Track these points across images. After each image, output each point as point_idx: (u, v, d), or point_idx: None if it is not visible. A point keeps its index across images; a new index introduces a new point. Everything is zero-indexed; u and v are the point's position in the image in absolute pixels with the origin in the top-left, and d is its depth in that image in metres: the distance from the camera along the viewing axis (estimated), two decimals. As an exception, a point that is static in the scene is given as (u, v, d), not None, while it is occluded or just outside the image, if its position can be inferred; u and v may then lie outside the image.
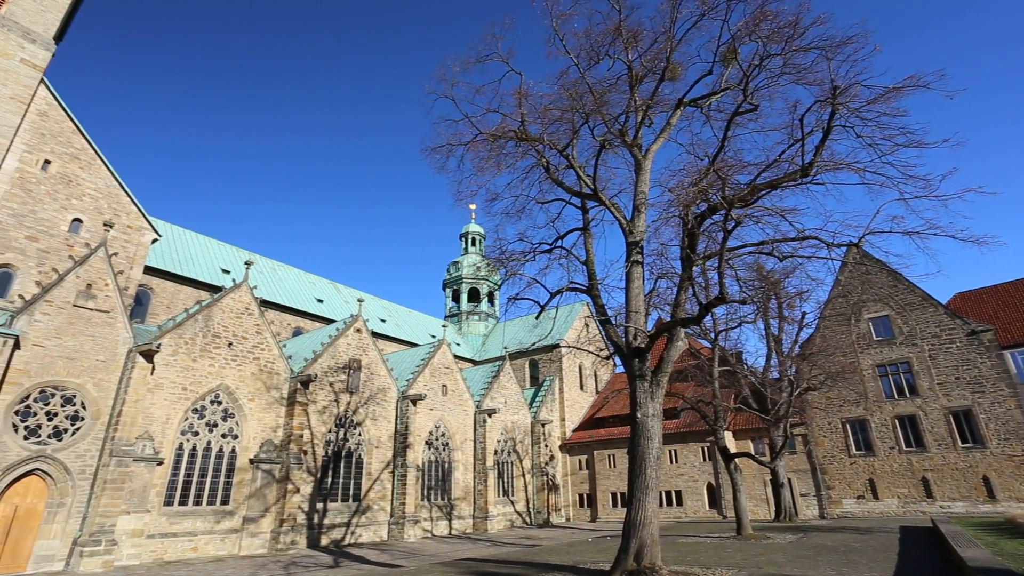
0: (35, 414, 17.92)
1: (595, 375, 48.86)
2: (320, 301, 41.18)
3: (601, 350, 23.56)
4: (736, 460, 26.28)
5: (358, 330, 29.67)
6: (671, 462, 36.89)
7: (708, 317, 23.08)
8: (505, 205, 17.50)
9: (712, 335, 27.43)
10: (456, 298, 60.62)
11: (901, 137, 11.57)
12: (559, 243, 16.21)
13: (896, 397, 32.45)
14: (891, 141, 11.72)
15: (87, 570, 16.96)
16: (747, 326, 28.42)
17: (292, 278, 41.94)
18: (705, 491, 35.71)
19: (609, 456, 40.10)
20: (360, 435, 28.16)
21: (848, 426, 33.46)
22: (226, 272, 34.99)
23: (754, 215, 12.87)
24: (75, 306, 19.37)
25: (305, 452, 24.91)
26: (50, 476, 17.81)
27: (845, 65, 11.99)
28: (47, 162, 21.91)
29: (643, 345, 13.54)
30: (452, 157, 16.53)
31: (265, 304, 33.63)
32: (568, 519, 40.56)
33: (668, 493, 36.63)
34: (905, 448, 31.44)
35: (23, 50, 21.41)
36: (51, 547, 17.34)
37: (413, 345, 43.13)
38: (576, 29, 15.80)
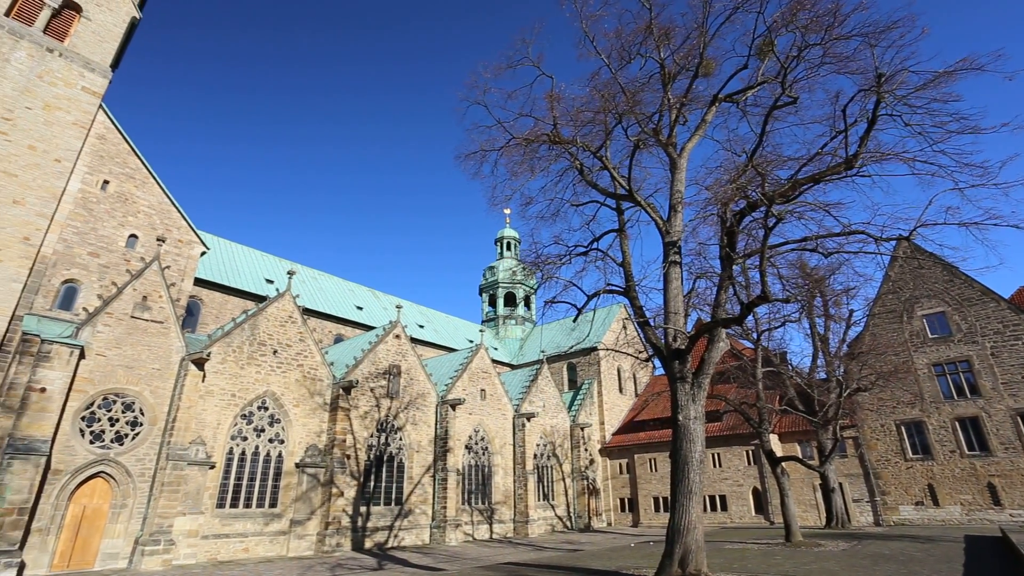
0: (99, 420, 18.98)
1: (634, 378, 48.20)
2: (360, 308, 42.10)
3: (640, 352, 23.29)
4: (783, 464, 25.46)
5: (397, 336, 30.18)
6: (714, 466, 35.99)
7: (750, 317, 22.47)
8: (540, 209, 17.55)
9: (754, 335, 26.72)
10: (493, 303, 60.93)
11: (954, 123, 11.06)
12: (595, 245, 16.15)
13: (956, 398, 30.75)
14: (943, 128, 11.21)
15: (148, 568, 17.81)
16: (791, 325, 27.69)
17: (332, 286, 43.05)
18: (751, 496, 34.67)
19: (650, 460, 39.44)
20: (401, 440, 28.60)
21: (903, 428, 31.89)
22: (270, 282, 36.22)
23: (796, 211, 12.51)
24: (132, 317, 20.43)
25: (348, 456, 25.47)
26: (113, 478, 18.80)
27: (890, 51, 11.57)
28: (106, 182, 23.22)
29: (683, 346, 13.33)
30: (486, 163, 16.70)
31: (307, 312, 34.58)
32: (609, 524, 40.06)
33: (712, 498, 35.75)
34: (968, 452, 29.72)
35: (84, 79, 22.81)
36: (116, 546, 18.29)
37: (451, 350, 43.56)
38: (606, 29, 15.75)
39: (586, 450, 40.10)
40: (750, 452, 35.01)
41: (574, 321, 15.86)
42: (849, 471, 32.68)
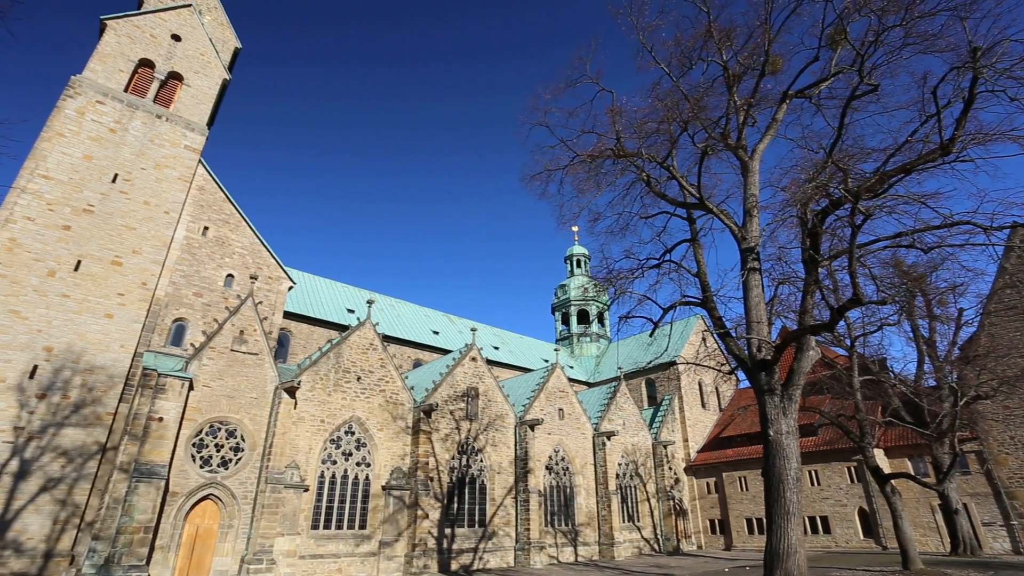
0: (207, 446, 20.64)
1: (717, 392, 46.01)
2: (436, 333, 43.30)
3: (722, 365, 22.27)
4: (892, 482, 23.21)
5: (473, 359, 30.69)
6: (812, 484, 33.38)
7: (841, 322, 20.93)
8: (608, 224, 17.40)
9: (848, 341, 24.78)
10: (566, 321, 60.59)
11: (1072, 93, 9.91)
12: (667, 257, 15.79)
13: (1102, 403, 26.81)
14: (1059, 99, 10.07)
15: (253, 587, 18.95)
16: (889, 329, 25.27)
17: (409, 313, 44.64)
18: (856, 517, 31.77)
19: (740, 478, 37.24)
20: (482, 461, 28.84)
21: (1039, 440, 28.14)
22: (351, 311, 38.13)
23: (886, 205, 11.63)
24: (232, 350, 22.19)
25: (431, 479, 25.99)
26: (221, 500, 20.30)
27: (985, 22, 10.64)
28: (206, 228, 25.63)
29: (768, 357, 12.65)
30: (551, 182, 16.85)
31: (387, 339, 36.00)
32: (699, 546, 38.04)
33: (812, 519, 33.09)
34: (1124, 465, 25.72)
35: (185, 138, 25.50)
36: (225, 563, 19.65)
37: (527, 370, 43.64)
38: (664, 38, 15.58)
39: (670, 468, 38.57)
40: (852, 469, 32.22)
41: (650, 336, 15.51)
42: (974, 490, 29.19)
